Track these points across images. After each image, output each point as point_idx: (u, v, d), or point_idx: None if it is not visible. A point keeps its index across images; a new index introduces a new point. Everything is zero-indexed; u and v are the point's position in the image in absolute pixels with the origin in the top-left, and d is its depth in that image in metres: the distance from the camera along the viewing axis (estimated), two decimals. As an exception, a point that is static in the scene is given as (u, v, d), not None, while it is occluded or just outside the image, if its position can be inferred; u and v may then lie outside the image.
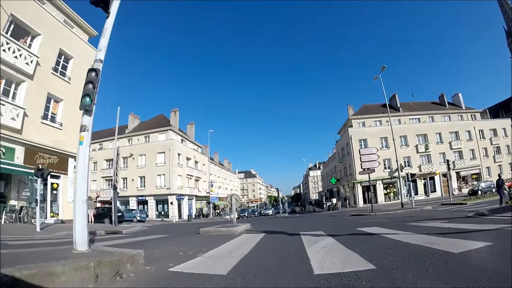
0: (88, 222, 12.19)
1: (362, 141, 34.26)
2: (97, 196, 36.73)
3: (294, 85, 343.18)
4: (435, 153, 35.43)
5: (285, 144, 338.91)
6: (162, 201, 34.21)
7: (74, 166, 18.45)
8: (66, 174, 17.67)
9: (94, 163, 39.30)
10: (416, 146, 35.30)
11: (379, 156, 16.66)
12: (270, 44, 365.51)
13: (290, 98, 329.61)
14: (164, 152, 34.43)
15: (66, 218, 17.08)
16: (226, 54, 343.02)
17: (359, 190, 33.59)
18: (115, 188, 14.78)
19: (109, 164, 39.16)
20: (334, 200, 36.26)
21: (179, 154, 36.16)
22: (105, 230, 11.91)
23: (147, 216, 32.45)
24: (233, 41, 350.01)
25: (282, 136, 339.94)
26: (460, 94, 42.73)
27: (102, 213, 20.50)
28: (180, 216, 34.20)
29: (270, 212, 44.97)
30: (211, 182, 41.37)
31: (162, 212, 34.15)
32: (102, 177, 39.13)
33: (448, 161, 20.11)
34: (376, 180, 32.02)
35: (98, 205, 29.65)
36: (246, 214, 39.47)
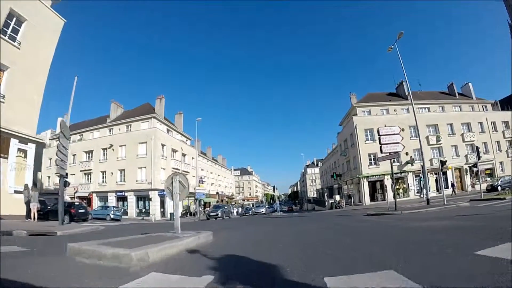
0: (31, 218, 7.91)
1: (368, 131, 30.92)
2: (75, 191, 33.18)
3: (294, 78, 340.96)
4: (447, 145, 32.37)
5: (282, 142, 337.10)
6: (143, 197, 30.27)
7: (18, 149, 14.70)
8: (7, 158, 13.91)
9: (73, 155, 35.56)
10: (427, 137, 32.05)
11: (403, 138, 13.23)
12: (266, 32, 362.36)
13: (288, 91, 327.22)
14: (146, 142, 30.51)
15: (6, 213, 13.36)
16: (219, 45, 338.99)
17: (365, 185, 30.23)
18: (61, 176, 11.16)
19: (89, 157, 35.47)
20: (338, 197, 32.76)
21: (163, 145, 32.22)
22: (27, 230, 8.27)
23: (125, 213, 28.77)
24: (226, 29, 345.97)
25: (280, 132, 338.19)
26: (470, 84, 39.74)
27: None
28: (163, 214, 30.41)
29: (263, 210, 39.38)
30: (201, 177, 37.67)
31: (143, 210, 30.26)
32: (80, 171, 35.42)
33: (477, 148, 16.79)
34: (384, 174, 28.77)
35: (69, 199, 25.86)
36: (219, 213, 24.94)
